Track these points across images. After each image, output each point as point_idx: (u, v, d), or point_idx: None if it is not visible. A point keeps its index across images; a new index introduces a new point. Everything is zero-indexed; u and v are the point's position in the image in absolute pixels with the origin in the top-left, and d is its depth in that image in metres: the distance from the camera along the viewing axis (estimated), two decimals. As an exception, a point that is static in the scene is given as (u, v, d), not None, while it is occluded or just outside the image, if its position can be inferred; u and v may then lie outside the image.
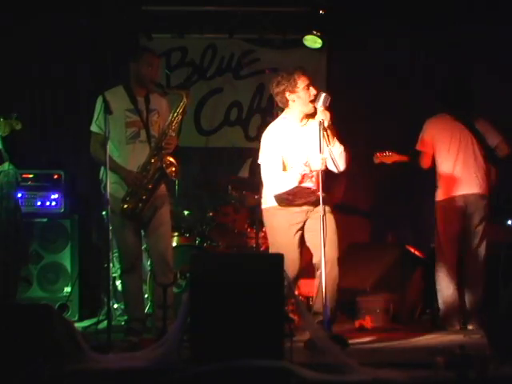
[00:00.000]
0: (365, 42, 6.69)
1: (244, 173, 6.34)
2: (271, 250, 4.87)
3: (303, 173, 4.73)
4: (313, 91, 4.71)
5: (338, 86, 6.55)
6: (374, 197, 6.80)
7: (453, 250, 5.38)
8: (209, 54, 6.88)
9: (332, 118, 4.63)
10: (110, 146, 4.63)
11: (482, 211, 5.35)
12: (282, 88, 4.73)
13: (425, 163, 5.46)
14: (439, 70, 6.59)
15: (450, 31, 6.52)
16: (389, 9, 6.50)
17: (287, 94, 4.73)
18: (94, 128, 4.87)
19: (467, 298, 5.34)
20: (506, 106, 6.20)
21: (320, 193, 4.58)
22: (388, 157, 5.48)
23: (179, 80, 6.70)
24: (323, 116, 4.61)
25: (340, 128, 4.77)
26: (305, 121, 4.80)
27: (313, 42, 6.51)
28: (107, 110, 4.54)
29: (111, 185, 4.72)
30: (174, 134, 4.85)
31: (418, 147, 5.47)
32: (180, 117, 4.83)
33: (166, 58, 6.80)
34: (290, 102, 4.75)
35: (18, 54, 6.42)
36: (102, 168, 4.80)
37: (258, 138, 5.01)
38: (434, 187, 5.48)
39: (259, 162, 4.83)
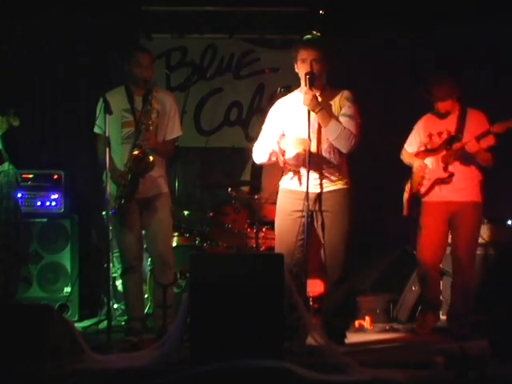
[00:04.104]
0: (365, 41, 6.69)
1: (245, 176, 6.34)
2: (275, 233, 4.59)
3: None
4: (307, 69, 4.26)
5: (338, 86, 6.53)
6: (374, 196, 6.79)
7: None
8: (209, 54, 6.88)
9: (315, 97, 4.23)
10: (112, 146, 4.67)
11: None
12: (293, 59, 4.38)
13: None
14: (439, 70, 6.58)
15: (450, 31, 6.52)
16: (389, 9, 6.49)
17: (295, 66, 4.39)
18: (95, 129, 4.88)
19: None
20: (505, 106, 6.19)
21: (306, 187, 4.22)
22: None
23: (179, 80, 6.70)
24: (305, 99, 4.24)
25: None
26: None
27: (313, 41, 6.49)
28: (107, 110, 4.55)
29: (110, 184, 4.74)
30: (150, 129, 4.74)
31: None
32: (150, 110, 4.70)
33: (166, 57, 6.81)
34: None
35: (18, 53, 6.42)
36: None
37: (257, 138, 4.97)
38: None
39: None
